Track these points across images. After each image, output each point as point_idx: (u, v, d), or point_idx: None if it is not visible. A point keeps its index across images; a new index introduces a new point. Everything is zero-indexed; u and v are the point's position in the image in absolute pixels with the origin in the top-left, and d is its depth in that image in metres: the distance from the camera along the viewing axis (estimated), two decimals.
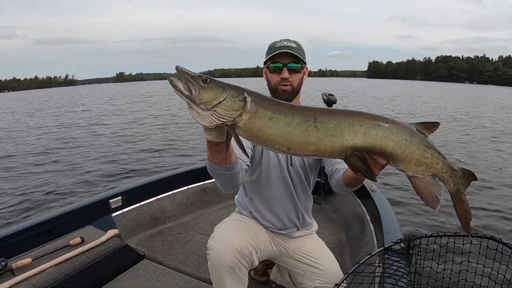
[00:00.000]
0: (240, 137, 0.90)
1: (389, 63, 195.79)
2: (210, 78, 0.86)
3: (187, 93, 0.84)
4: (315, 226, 1.69)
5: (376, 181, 0.97)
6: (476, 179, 1.05)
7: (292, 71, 1.38)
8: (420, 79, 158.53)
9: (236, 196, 1.69)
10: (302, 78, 1.43)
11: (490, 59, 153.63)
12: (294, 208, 1.53)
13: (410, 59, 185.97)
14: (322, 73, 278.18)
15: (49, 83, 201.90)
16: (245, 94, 0.87)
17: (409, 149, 0.91)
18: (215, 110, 0.84)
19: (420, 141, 0.92)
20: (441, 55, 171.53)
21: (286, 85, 1.39)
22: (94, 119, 14.82)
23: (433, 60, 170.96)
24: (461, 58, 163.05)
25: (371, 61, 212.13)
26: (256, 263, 1.39)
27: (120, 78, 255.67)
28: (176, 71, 0.86)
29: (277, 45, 1.38)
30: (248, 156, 1.29)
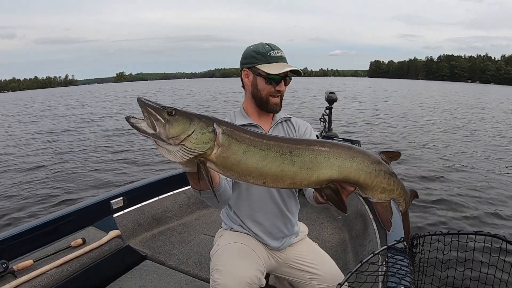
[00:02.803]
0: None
1: (390, 62, 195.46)
2: (176, 110, 0.80)
3: (151, 131, 0.78)
4: (305, 229, 1.64)
5: (346, 214, 1.00)
6: (417, 197, 1.17)
7: (286, 82, 1.38)
8: (422, 79, 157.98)
9: (221, 212, 1.62)
10: None
11: (493, 58, 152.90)
12: (280, 214, 1.46)
13: (412, 58, 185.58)
14: (323, 73, 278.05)
15: (49, 83, 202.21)
16: (215, 126, 0.83)
17: (377, 179, 0.95)
18: (184, 144, 0.79)
19: (386, 171, 0.97)
20: (443, 54, 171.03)
21: (278, 98, 1.39)
22: (93, 119, 14.84)
23: (435, 59, 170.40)
24: (463, 57, 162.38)
25: (373, 60, 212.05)
26: (264, 283, 1.33)
27: (120, 78, 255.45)
28: (138, 103, 0.80)
29: (272, 54, 1.34)
30: None
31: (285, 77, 1.36)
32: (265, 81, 1.35)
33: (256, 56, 1.35)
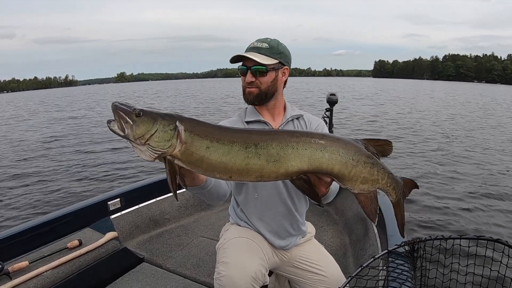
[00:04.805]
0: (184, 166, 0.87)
1: (395, 62, 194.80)
2: (143, 111, 0.83)
3: (122, 133, 0.83)
4: (312, 230, 1.62)
5: (322, 206, 0.97)
6: (417, 187, 1.07)
7: (256, 73, 1.31)
8: (427, 79, 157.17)
9: (229, 207, 1.61)
10: (274, 80, 1.35)
11: (499, 57, 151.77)
12: (288, 214, 1.44)
13: (417, 57, 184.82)
14: (327, 73, 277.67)
15: (49, 83, 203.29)
16: (177, 123, 0.84)
17: (356, 169, 0.90)
18: (149, 144, 0.83)
19: (367, 160, 0.91)
20: (449, 53, 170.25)
21: (251, 88, 1.34)
22: (93, 120, 14.88)
23: (441, 59, 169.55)
24: (469, 56, 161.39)
25: (377, 60, 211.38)
26: (268, 280, 1.32)
27: (121, 78, 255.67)
28: (111, 108, 0.84)
29: (249, 46, 1.34)
30: None
31: (252, 67, 1.30)
32: (239, 73, 1.37)
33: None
